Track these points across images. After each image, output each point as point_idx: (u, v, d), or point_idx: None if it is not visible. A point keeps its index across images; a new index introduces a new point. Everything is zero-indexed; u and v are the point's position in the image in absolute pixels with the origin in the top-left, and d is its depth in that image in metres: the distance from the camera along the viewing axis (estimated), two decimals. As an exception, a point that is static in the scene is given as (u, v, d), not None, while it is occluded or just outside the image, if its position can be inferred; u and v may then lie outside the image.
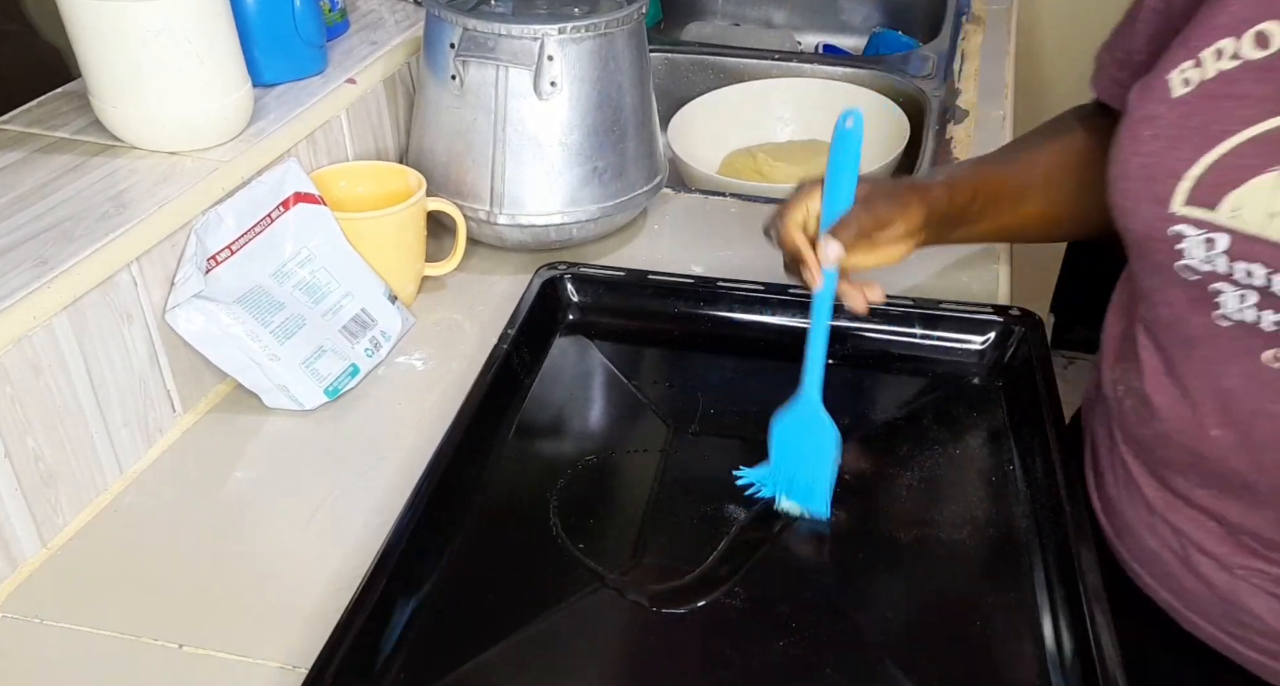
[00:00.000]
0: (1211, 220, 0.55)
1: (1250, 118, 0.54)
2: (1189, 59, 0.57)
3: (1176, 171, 0.56)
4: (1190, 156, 0.55)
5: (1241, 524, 0.62)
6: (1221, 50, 0.55)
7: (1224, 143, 0.54)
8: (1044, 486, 0.68)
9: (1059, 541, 0.64)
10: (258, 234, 0.79)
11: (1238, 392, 0.59)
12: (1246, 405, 0.59)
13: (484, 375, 0.75)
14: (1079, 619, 0.58)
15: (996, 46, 1.40)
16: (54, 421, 0.66)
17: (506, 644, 0.59)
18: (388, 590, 0.60)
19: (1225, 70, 0.55)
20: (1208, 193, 0.55)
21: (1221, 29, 0.56)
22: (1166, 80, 0.58)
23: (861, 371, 0.81)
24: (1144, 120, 0.58)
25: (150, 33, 0.72)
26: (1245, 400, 0.59)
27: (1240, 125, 0.54)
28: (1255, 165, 0.53)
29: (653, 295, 0.86)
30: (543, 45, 0.86)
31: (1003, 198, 0.74)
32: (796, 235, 0.68)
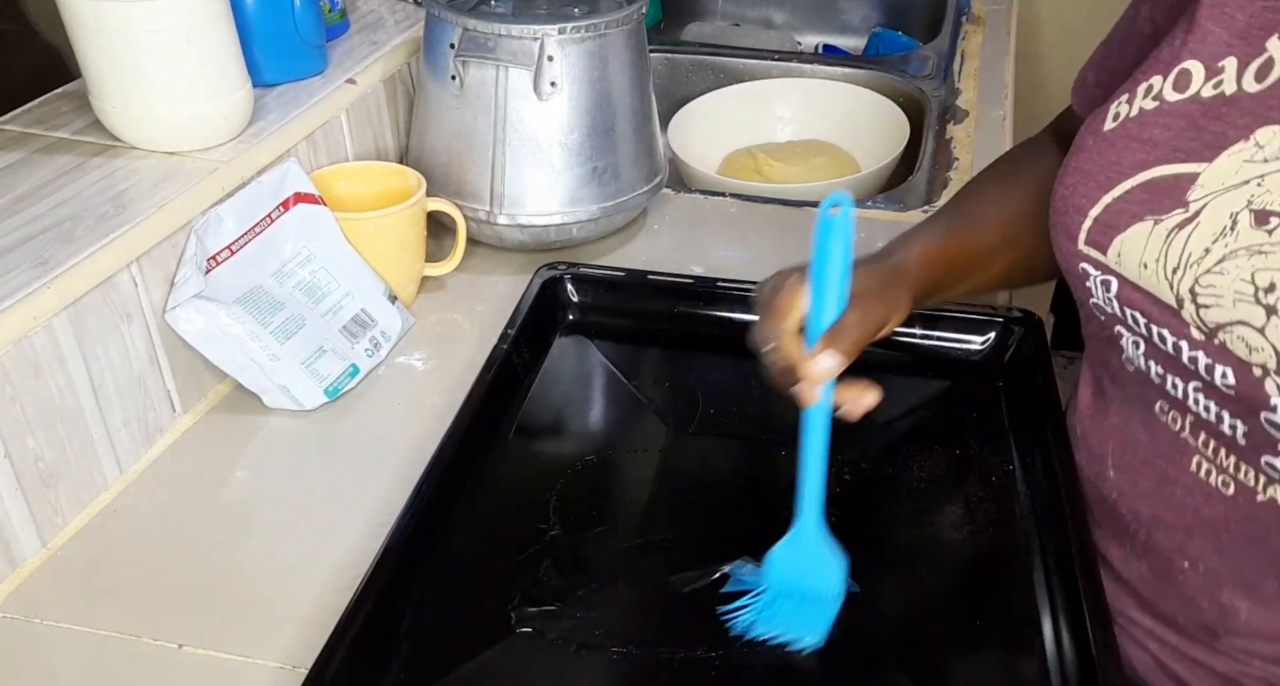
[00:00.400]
0: (1104, 262, 0.55)
1: (1145, 162, 0.53)
2: (1127, 92, 0.56)
3: (1083, 209, 0.55)
4: (1094, 195, 0.55)
5: (1122, 572, 0.62)
6: (1151, 87, 0.54)
7: (1120, 185, 0.54)
8: (1044, 486, 0.68)
9: (1058, 541, 0.64)
10: (258, 234, 0.79)
11: (1135, 439, 0.59)
12: (1139, 453, 0.59)
13: (484, 375, 0.75)
14: (1078, 619, 0.58)
15: (996, 47, 1.40)
16: (54, 421, 0.66)
17: (506, 644, 0.59)
18: (388, 590, 0.60)
19: (1145, 109, 0.54)
20: (1101, 233, 0.54)
21: (1158, 65, 0.55)
22: (1106, 110, 0.57)
23: (861, 372, 0.81)
24: (1076, 151, 0.58)
25: (150, 33, 0.72)
26: (1138, 448, 0.59)
27: (1136, 169, 0.53)
28: (1137, 212, 0.53)
29: (653, 295, 0.86)
30: (543, 45, 0.86)
31: (974, 261, 0.70)
32: (792, 346, 0.59)
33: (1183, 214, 0.51)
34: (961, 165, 1.10)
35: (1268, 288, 0.48)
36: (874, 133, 1.23)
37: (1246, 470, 0.53)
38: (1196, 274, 0.50)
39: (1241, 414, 0.51)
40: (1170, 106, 0.53)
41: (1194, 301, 0.50)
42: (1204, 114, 0.51)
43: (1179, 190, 0.51)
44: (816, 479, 0.60)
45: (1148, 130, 0.53)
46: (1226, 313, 0.49)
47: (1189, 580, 0.58)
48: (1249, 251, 0.49)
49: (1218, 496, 0.55)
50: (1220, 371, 0.50)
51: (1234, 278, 0.49)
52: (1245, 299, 0.48)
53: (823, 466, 0.60)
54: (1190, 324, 0.51)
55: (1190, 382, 0.53)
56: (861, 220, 1.00)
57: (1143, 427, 0.58)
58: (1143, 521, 0.60)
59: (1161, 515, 0.58)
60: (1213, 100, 0.51)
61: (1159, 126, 0.53)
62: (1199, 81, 0.52)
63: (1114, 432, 0.61)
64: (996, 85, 1.29)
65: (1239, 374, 0.50)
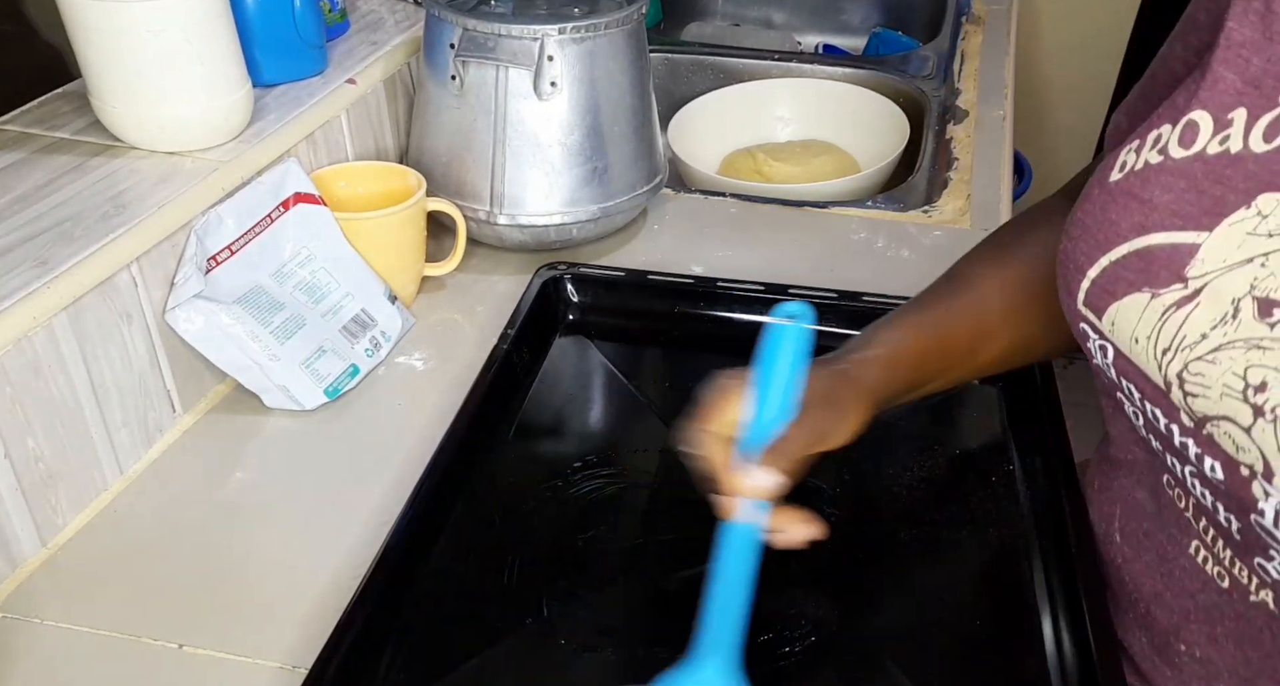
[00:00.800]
0: (1099, 328, 0.51)
1: (1142, 226, 0.48)
2: (1139, 138, 0.51)
3: (1082, 268, 0.51)
4: (1092, 255, 0.50)
5: (1123, 639, 0.60)
6: (1159, 137, 0.49)
7: (1117, 248, 0.49)
8: (1043, 487, 0.68)
9: (1058, 541, 0.64)
10: (258, 234, 0.79)
11: (1141, 508, 0.56)
12: (1143, 524, 0.56)
13: (484, 375, 0.75)
14: (1078, 619, 0.58)
15: (996, 47, 1.40)
16: (54, 422, 0.66)
17: (506, 644, 0.59)
18: (387, 590, 0.60)
19: (1150, 164, 0.49)
20: (1098, 297, 0.50)
21: (1170, 111, 0.50)
22: (1117, 156, 0.51)
23: None
24: (1083, 199, 0.53)
25: (150, 33, 0.72)
26: (1143, 518, 0.56)
27: (1134, 233, 0.49)
28: (1133, 280, 0.48)
29: (652, 295, 0.86)
30: (543, 45, 0.86)
31: (957, 352, 0.64)
32: (717, 453, 0.54)
33: (1182, 290, 0.47)
34: (961, 165, 1.10)
35: (1259, 386, 0.44)
36: (874, 133, 1.23)
37: (1240, 567, 0.50)
38: (1187, 359, 0.46)
39: (1234, 510, 0.48)
40: (1174, 164, 0.48)
41: (1181, 387, 0.47)
42: (1206, 175, 0.47)
43: (1177, 263, 0.47)
44: (733, 609, 0.51)
45: (1149, 189, 0.49)
46: (1213, 405, 0.45)
47: (1185, 664, 0.55)
48: (1247, 344, 0.44)
49: (1213, 586, 0.52)
50: (1209, 464, 0.47)
51: (1224, 370, 0.45)
52: (1232, 394, 0.45)
53: (743, 594, 0.51)
54: (1180, 409, 0.47)
55: (1186, 466, 0.49)
56: (862, 220, 1.01)
57: (1150, 497, 0.55)
58: (1143, 594, 0.57)
59: (1161, 592, 0.56)
60: (1216, 158, 0.47)
61: (1160, 186, 0.48)
62: (1205, 136, 0.48)
63: (1122, 495, 0.57)
64: (996, 85, 1.29)
65: (1227, 470, 0.46)
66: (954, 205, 1.03)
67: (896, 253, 0.96)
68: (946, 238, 0.98)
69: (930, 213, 1.02)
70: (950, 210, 1.02)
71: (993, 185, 1.07)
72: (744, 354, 0.82)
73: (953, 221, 1.00)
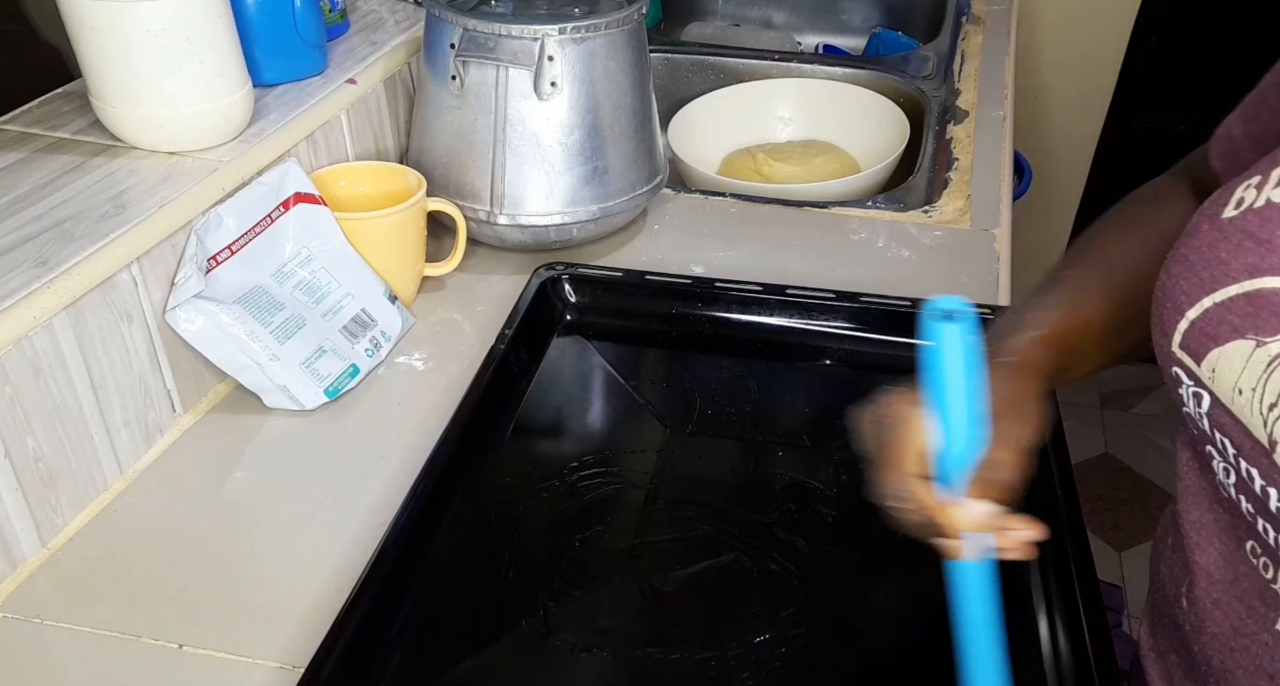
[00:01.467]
0: (1196, 374, 0.46)
1: (1257, 268, 0.44)
2: (1260, 173, 0.46)
3: (1180, 307, 0.47)
4: (1195, 294, 0.46)
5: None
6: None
7: (1224, 289, 0.45)
8: (1040, 487, 0.69)
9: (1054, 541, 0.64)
10: (258, 234, 0.79)
11: (1209, 573, 0.51)
12: (1211, 591, 0.51)
13: (481, 375, 0.75)
14: (1074, 618, 0.59)
15: (996, 47, 1.40)
16: (54, 421, 0.66)
17: (502, 644, 0.59)
18: (384, 589, 0.60)
19: (1273, 202, 0.44)
20: (1197, 341, 0.46)
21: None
22: (1231, 191, 0.47)
23: (859, 372, 0.82)
24: (1188, 234, 0.48)
25: (150, 33, 0.72)
26: (1211, 585, 0.51)
27: (1245, 274, 0.44)
28: (1239, 326, 0.44)
29: (650, 296, 0.86)
30: (543, 45, 0.86)
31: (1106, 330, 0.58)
32: (928, 497, 0.50)
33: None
34: (961, 165, 1.10)
35: None
36: (874, 133, 1.23)
37: None
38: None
39: None
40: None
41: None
42: None
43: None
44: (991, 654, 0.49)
45: (1269, 229, 0.44)
46: None
47: None
48: None
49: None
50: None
51: None
52: None
53: (996, 635, 0.49)
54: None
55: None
56: (862, 220, 1.01)
57: (1224, 564, 0.50)
58: (1212, 668, 0.51)
59: (1232, 669, 0.50)
60: None
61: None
62: None
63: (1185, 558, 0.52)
64: (996, 85, 1.29)
65: None
66: (954, 205, 1.03)
67: (896, 253, 0.96)
68: (946, 238, 0.98)
69: (930, 213, 1.02)
70: (950, 210, 1.02)
71: (993, 185, 1.07)
72: (741, 354, 0.83)
73: (953, 221, 1.00)
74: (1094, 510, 1.92)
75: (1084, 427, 2.12)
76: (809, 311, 0.83)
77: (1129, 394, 2.23)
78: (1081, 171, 2.01)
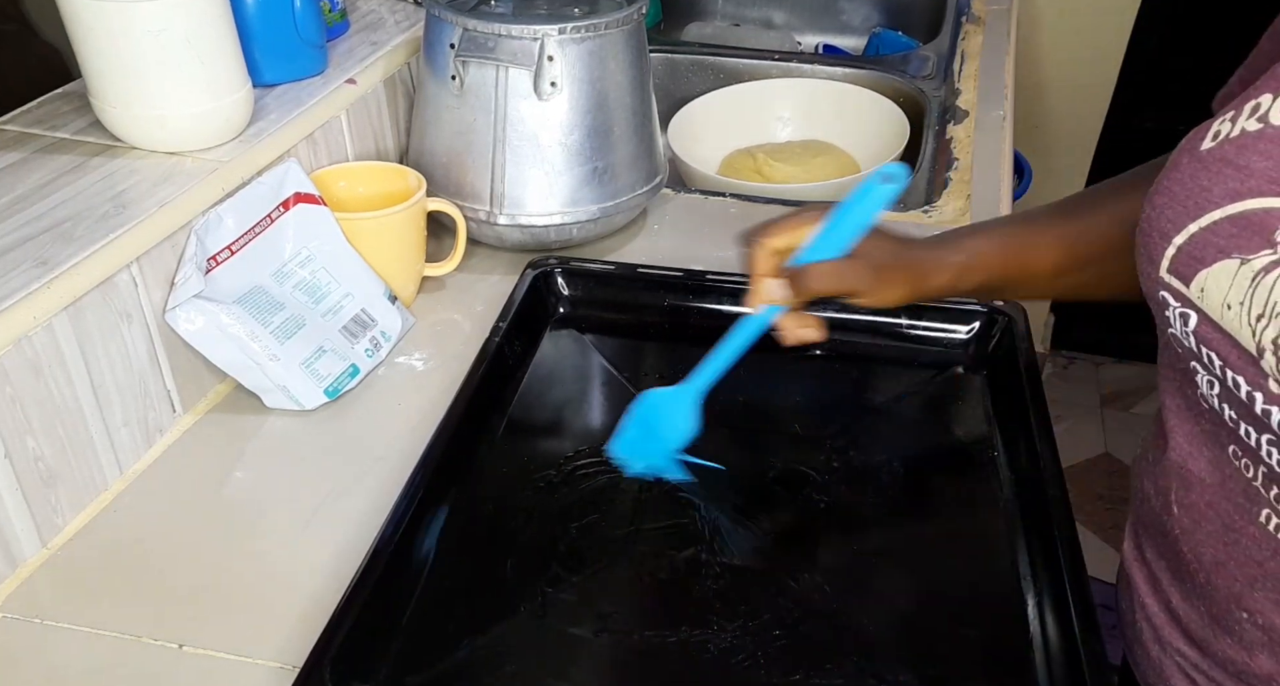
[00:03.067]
0: (1185, 295, 0.50)
1: (1238, 192, 0.48)
2: (1234, 109, 0.50)
3: (1167, 234, 0.51)
4: (1180, 222, 0.50)
5: (1178, 609, 0.60)
6: (1258, 106, 0.49)
7: (1208, 214, 0.49)
8: (1028, 474, 0.69)
9: (1042, 528, 0.65)
10: (258, 234, 0.79)
11: (1201, 479, 0.56)
12: (1204, 495, 0.56)
13: (475, 368, 0.75)
14: (1063, 604, 0.59)
15: (996, 47, 1.40)
16: (54, 422, 0.66)
17: (501, 632, 0.59)
18: (382, 579, 0.60)
19: (1247, 132, 0.49)
20: (1185, 265, 0.50)
21: (1272, 80, 0.49)
22: (1209, 127, 0.51)
23: (849, 362, 0.83)
24: (1170, 168, 0.52)
25: (150, 33, 0.72)
26: (1204, 489, 0.56)
27: (1227, 199, 0.48)
28: (1224, 247, 0.48)
29: (643, 288, 0.87)
30: (543, 45, 0.86)
31: (1035, 274, 0.68)
32: (762, 260, 0.66)
33: (1271, 255, 0.47)
34: (961, 165, 1.10)
35: None
36: (874, 133, 1.23)
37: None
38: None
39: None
40: (1275, 131, 0.48)
41: (1274, 354, 0.46)
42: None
43: (1269, 228, 0.47)
44: (719, 366, 0.68)
45: (1245, 156, 0.48)
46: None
47: (1246, 631, 0.55)
48: None
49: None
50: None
51: None
52: None
53: (730, 360, 0.68)
54: (1269, 376, 0.47)
55: (1264, 434, 0.49)
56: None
57: (1212, 468, 0.55)
58: (1204, 564, 0.56)
59: (1224, 562, 0.55)
60: None
61: (1258, 153, 0.48)
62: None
63: (1176, 468, 0.57)
64: (996, 85, 1.29)
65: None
66: (954, 205, 1.03)
67: (896, 253, 0.96)
68: (946, 238, 0.98)
69: (930, 213, 1.02)
70: (950, 210, 1.02)
71: (993, 185, 1.07)
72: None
73: (953, 221, 1.00)
74: (1094, 510, 1.92)
75: (1084, 427, 2.11)
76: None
77: (1129, 394, 2.23)
78: (1081, 171, 2.01)
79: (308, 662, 0.55)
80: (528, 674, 0.58)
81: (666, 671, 0.58)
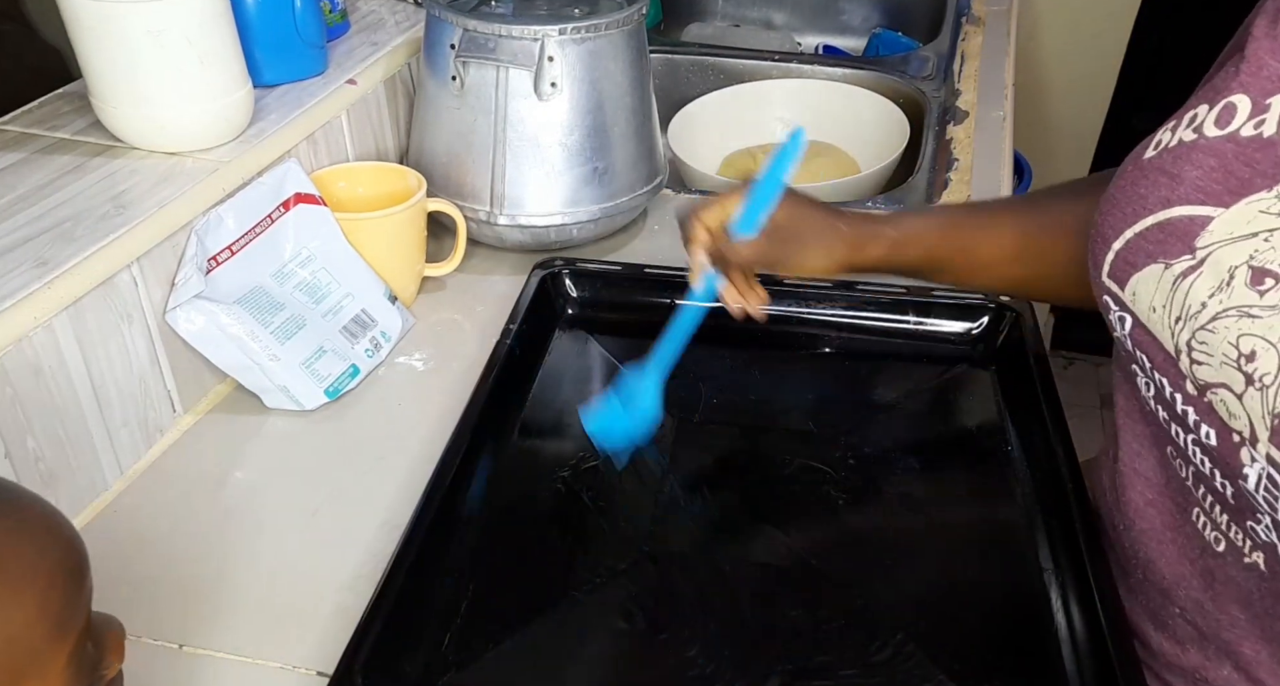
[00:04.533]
0: (1121, 298, 0.53)
1: (1168, 200, 0.50)
2: (1176, 118, 0.53)
3: (1108, 240, 0.53)
4: (1119, 227, 0.52)
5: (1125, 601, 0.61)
6: (1195, 117, 0.51)
7: (1142, 220, 0.51)
8: (1044, 467, 0.69)
9: (1063, 520, 0.65)
10: (258, 234, 0.79)
11: (1146, 478, 0.58)
12: (1145, 493, 0.58)
13: (488, 371, 0.75)
14: (1087, 597, 0.59)
15: (996, 47, 1.40)
16: (54, 422, 0.66)
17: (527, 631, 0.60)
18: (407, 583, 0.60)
19: (1184, 142, 0.51)
20: (1121, 269, 0.52)
21: (1209, 92, 0.51)
22: (1155, 136, 0.54)
23: (858, 360, 0.83)
24: (1117, 176, 0.55)
25: (150, 33, 0.72)
26: (1146, 487, 0.58)
27: (1159, 206, 0.51)
28: (1152, 252, 0.50)
29: (650, 288, 0.87)
30: (543, 46, 0.86)
31: (971, 261, 0.70)
32: (698, 234, 0.70)
33: (1189, 261, 0.49)
34: (961, 165, 1.10)
35: (1249, 354, 0.46)
36: (874, 133, 1.22)
37: (1235, 530, 0.52)
38: (1194, 328, 0.48)
39: (1227, 475, 0.50)
40: (1206, 143, 0.50)
41: (1189, 355, 0.49)
42: (1237, 156, 0.49)
43: (1190, 234, 0.49)
44: (673, 346, 0.71)
45: (1179, 165, 0.50)
46: (1214, 372, 0.47)
47: (1178, 626, 0.57)
48: (1239, 312, 0.46)
49: (1210, 550, 0.54)
50: (1205, 430, 0.49)
51: (1222, 338, 0.47)
52: (1229, 362, 0.46)
53: (682, 339, 0.71)
54: (1185, 377, 0.49)
55: (1188, 435, 0.51)
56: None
57: (1157, 468, 0.57)
58: (1139, 561, 0.59)
59: (1155, 560, 0.58)
60: (1250, 141, 0.48)
61: (1190, 163, 0.50)
62: (1242, 118, 0.49)
63: (1123, 467, 0.59)
64: (996, 85, 1.29)
65: (1220, 437, 0.48)
66: (954, 205, 1.03)
67: (896, 253, 0.96)
68: (946, 238, 0.98)
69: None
70: (950, 210, 1.02)
71: (993, 186, 1.07)
72: (743, 344, 0.83)
73: (953, 222, 1.00)
74: (1094, 510, 1.91)
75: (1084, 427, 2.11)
76: (806, 300, 0.85)
77: (1129, 394, 2.22)
78: (1081, 172, 2.01)
79: (338, 670, 0.55)
80: (554, 673, 0.58)
81: (694, 666, 0.58)
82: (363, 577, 0.64)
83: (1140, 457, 0.58)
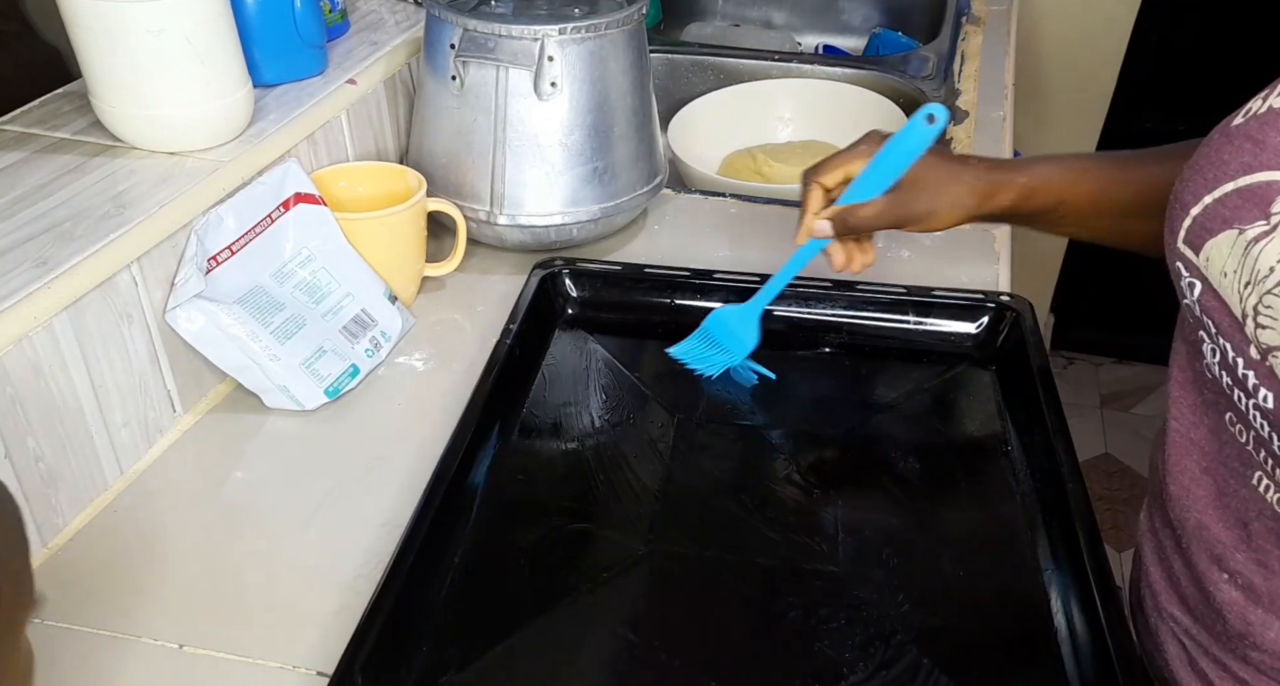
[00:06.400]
0: (1195, 264, 0.53)
1: (1249, 166, 0.50)
2: (1270, 87, 0.52)
3: (1186, 206, 0.53)
4: (1198, 193, 0.52)
5: (1173, 569, 0.62)
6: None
7: (1221, 186, 0.51)
8: (1044, 467, 0.70)
9: (1062, 519, 0.65)
10: (258, 234, 0.79)
11: (1199, 446, 0.58)
12: (1200, 461, 0.58)
13: (488, 371, 0.75)
14: (1087, 597, 0.59)
15: (996, 47, 1.40)
16: (54, 422, 0.66)
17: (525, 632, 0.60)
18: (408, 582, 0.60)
19: (1274, 108, 0.50)
20: (1197, 235, 0.52)
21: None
22: (1246, 105, 0.53)
23: (859, 359, 0.83)
24: (1205, 142, 0.54)
25: (150, 33, 0.72)
26: (1201, 456, 0.58)
27: (1240, 172, 0.50)
28: (1229, 217, 0.51)
29: (650, 288, 0.87)
30: (543, 46, 0.86)
31: (1105, 212, 0.69)
32: (815, 195, 0.71)
33: (1263, 226, 0.49)
34: (961, 165, 1.10)
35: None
36: (874, 133, 1.22)
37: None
38: (1262, 291, 0.48)
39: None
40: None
41: (1254, 319, 0.49)
42: None
43: (1267, 200, 0.49)
44: (778, 287, 0.78)
45: (1265, 132, 0.50)
46: (1277, 337, 0.47)
47: (1224, 593, 0.57)
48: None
49: (1270, 513, 0.54)
50: (1264, 394, 0.49)
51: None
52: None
53: (785, 282, 0.77)
54: (1250, 341, 0.50)
55: (1251, 400, 0.51)
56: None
57: (1211, 435, 0.57)
58: (1187, 528, 0.59)
59: (1209, 525, 0.58)
60: None
61: (1276, 129, 0.50)
62: None
63: (1178, 438, 0.59)
64: (996, 85, 1.29)
65: (1278, 400, 0.48)
66: (954, 205, 1.03)
67: (896, 253, 0.96)
68: (946, 238, 0.98)
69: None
70: (950, 210, 1.02)
71: (993, 185, 1.06)
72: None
73: (953, 222, 1.00)
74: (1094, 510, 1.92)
75: (1084, 427, 2.11)
76: (806, 300, 0.85)
77: (1129, 394, 2.23)
78: (1081, 171, 2.01)
79: (338, 670, 0.55)
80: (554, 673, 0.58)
81: (696, 668, 0.58)
82: (363, 577, 0.64)
83: (1196, 428, 0.58)
